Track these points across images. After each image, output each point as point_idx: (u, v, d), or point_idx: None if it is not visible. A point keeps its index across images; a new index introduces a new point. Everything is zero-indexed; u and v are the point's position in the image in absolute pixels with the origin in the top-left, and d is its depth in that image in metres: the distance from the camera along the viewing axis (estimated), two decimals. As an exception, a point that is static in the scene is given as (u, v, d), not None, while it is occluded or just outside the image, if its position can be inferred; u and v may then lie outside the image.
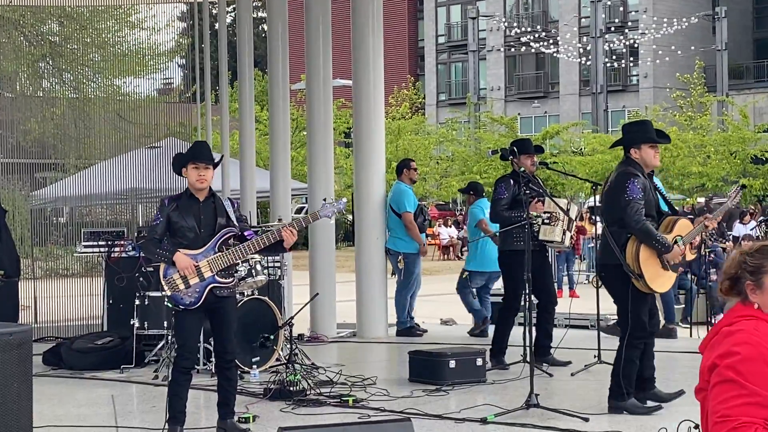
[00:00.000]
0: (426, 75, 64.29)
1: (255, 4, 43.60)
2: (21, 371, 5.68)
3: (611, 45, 53.39)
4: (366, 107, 12.72)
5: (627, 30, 54.54)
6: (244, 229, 7.30)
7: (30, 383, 5.80)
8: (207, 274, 7.10)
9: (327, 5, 13.63)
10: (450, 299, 13.80)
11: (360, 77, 12.75)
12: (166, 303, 7.65)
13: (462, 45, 61.50)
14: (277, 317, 9.92)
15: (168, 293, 7.13)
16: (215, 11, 18.13)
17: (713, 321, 14.08)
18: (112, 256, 11.56)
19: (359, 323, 12.70)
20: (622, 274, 7.61)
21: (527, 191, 8.90)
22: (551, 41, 52.25)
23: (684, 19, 47.89)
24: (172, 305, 7.19)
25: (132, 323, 10.36)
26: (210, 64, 15.81)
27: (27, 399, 5.75)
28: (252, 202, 14.99)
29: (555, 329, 10.28)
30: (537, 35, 51.51)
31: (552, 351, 10.07)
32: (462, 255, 21.18)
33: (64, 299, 13.57)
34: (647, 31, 50.41)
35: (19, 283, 11.36)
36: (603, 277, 7.94)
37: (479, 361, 9.19)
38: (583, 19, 55.62)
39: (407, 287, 12.72)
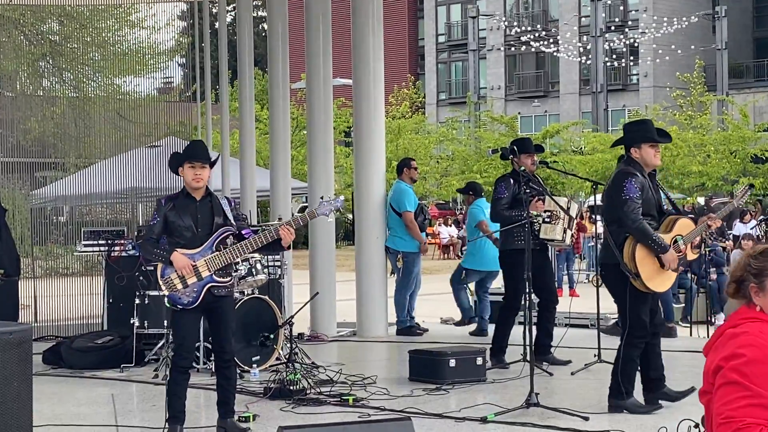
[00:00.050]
0: (426, 74, 64.29)
1: (255, 3, 43.60)
2: (21, 370, 5.68)
3: (611, 44, 53.38)
4: (366, 106, 12.72)
5: (627, 29, 54.54)
6: (241, 228, 7.28)
7: (30, 382, 5.80)
8: (205, 273, 7.09)
9: (327, 4, 13.63)
10: (450, 298, 13.79)
11: (360, 76, 12.75)
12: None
13: (462, 44, 61.48)
14: (277, 316, 9.92)
15: (166, 293, 7.13)
16: (215, 10, 18.13)
17: (713, 320, 14.07)
18: (112, 255, 11.56)
19: (359, 322, 12.70)
20: (621, 273, 7.61)
21: (527, 190, 8.90)
22: (551, 40, 52.24)
23: (684, 19, 47.88)
24: (170, 305, 7.19)
25: (132, 322, 10.36)
26: (210, 63, 15.81)
27: (27, 398, 5.75)
28: (252, 201, 14.98)
29: (555, 328, 10.27)
30: (537, 34, 51.50)
31: (552, 350, 10.07)
32: (462, 254, 21.16)
33: (64, 298, 13.57)
34: (647, 31, 50.40)
35: (19, 282, 11.37)
36: (603, 276, 7.97)
37: (479, 360, 9.20)
38: (584, 19, 55.60)
39: (406, 286, 12.72)
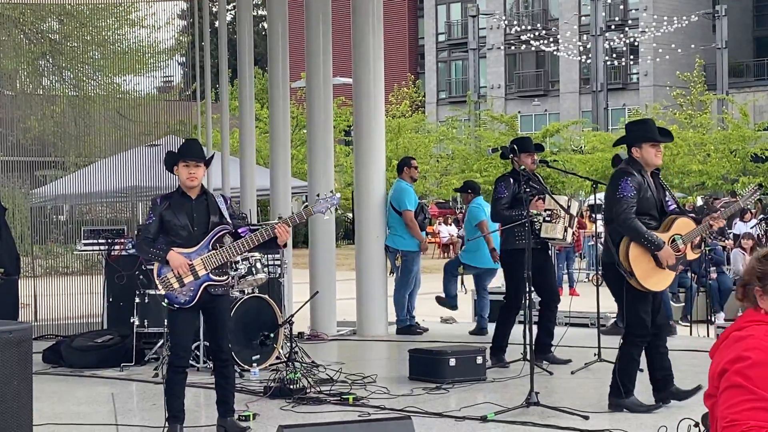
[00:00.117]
0: (426, 73, 64.28)
1: (255, 2, 43.61)
2: (21, 369, 5.68)
3: (611, 43, 53.37)
4: (366, 105, 12.72)
5: (627, 28, 54.53)
6: (237, 226, 7.26)
7: (30, 381, 5.80)
8: (201, 272, 7.07)
9: (327, 3, 13.63)
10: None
11: (360, 75, 12.74)
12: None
13: (462, 43, 61.47)
14: (277, 315, 9.92)
15: (162, 292, 7.11)
16: (215, 9, 18.12)
17: (713, 319, 14.07)
18: (112, 254, 11.56)
19: (359, 321, 12.70)
20: (620, 272, 7.63)
21: (527, 189, 8.90)
22: (551, 39, 52.23)
23: (684, 17, 47.87)
24: (166, 304, 7.17)
25: (132, 321, 10.36)
26: (210, 62, 15.80)
27: (27, 397, 5.75)
28: (252, 200, 14.99)
29: (555, 327, 10.27)
30: (537, 33, 51.49)
31: (552, 349, 10.07)
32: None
33: (64, 297, 13.57)
34: (647, 30, 50.39)
35: (19, 281, 11.36)
36: (604, 275, 7.99)
37: (479, 359, 9.20)
38: (584, 18, 55.60)
39: (405, 285, 12.72)
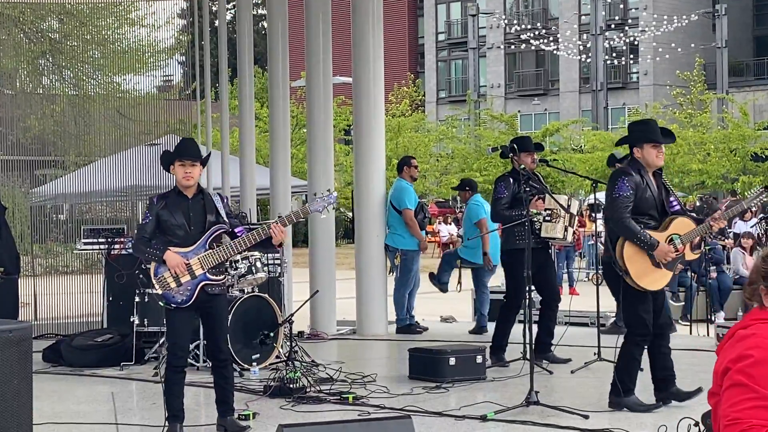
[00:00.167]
0: (426, 72, 64.26)
1: (255, 1, 43.59)
2: (21, 368, 5.68)
3: (611, 42, 53.35)
4: (366, 104, 12.72)
5: (627, 27, 54.50)
6: (234, 226, 7.24)
7: (30, 380, 5.80)
8: (198, 271, 7.06)
9: (327, 2, 13.62)
10: (450, 296, 13.77)
11: (360, 74, 12.74)
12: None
13: (462, 42, 61.45)
14: (277, 314, 9.92)
15: (159, 292, 7.10)
16: (215, 8, 18.11)
17: (713, 319, 14.07)
18: (111, 253, 11.56)
19: (359, 320, 12.70)
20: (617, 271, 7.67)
21: (527, 189, 8.89)
22: (551, 38, 52.22)
23: (684, 17, 47.86)
24: (163, 304, 7.15)
25: (132, 320, 10.35)
26: (210, 61, 15.79)
27: (27, 396, 5.75)
28: (252, 199, 14.99)
29: (555, 326, 10.27)
30: (537, 32, 51.47)
31: (552, 348, 10.07)
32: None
33: (63, 296, 13.56)
34: (647, 29, 50.38)
35: (19, 280, 11.36)
36: (604, 274, 8.01)
37: (479, 359, 9.20)
38: (583, 17, 55.58)
39: (405, 284, 12.72)
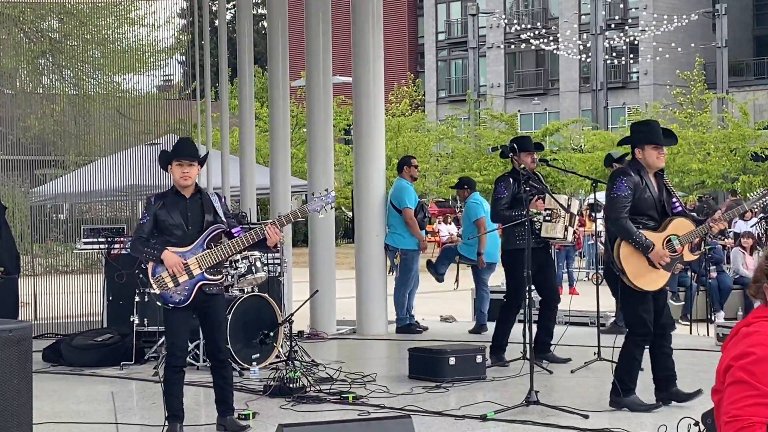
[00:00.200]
0: (426, 72, 64.26)
1: (255, 0, 43.57)
2: (21, 368, 5.68)
3: (611, 42, 53.33)
4: (366, 104, 12.72)
5: (627, 27, 54.49)
6: (232, 226, 7.23)
7: (30, 380, 5.80)
8: (196, 271, 7.05)
9: (327, 2, 13.63)
10: (450, 296, 13.80)
11: (360, 74, 12.74)
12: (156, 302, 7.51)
13: (462, 42, 61.44)
14: (277, 314, 9.92)
15: (157, 292, 7.09)
16: (215, 8, 18.10)
17: (713, 318, 14.07)
18: (111, 252, 11.55)
19: (359, 320, 12.70)
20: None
21: (527, 189, 8.89)
22: (551, 38, 52.21)
23: (684, 16, 47.85)
24: (161, 304, 7.14)
25: (132, 320, 10.36)
26: (210, 60, 15.79)
27: (27, 395, 5.75)
28: (252, 199, 14.99)
29: (555, 326, 10.27)
30: (537, 32, 51.47)
31: (552, 348, 10.07)
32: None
33: (63, 296, 13.56)
34: (647, 28, 50.36)
35: (19, 280, 11.36)
36: (605, 274, 8.03)
37: (479, 358, 9.20)
38: (583, 16, 55.57)
39: (405, 284, 12.72)
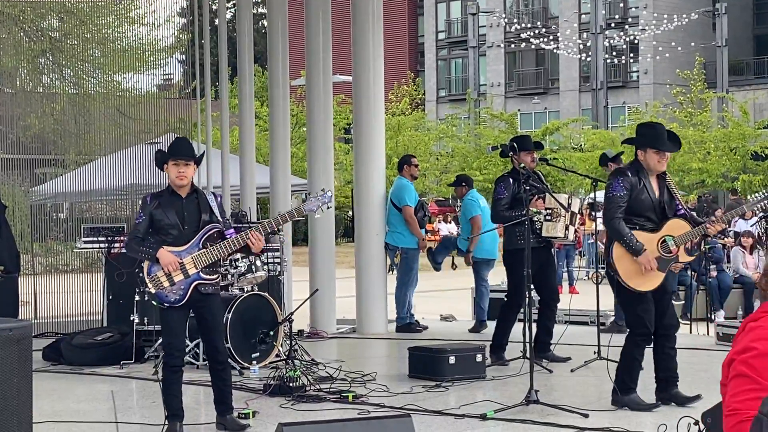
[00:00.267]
0: (426, 71, 64.26)
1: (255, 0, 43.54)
2: (21, 367, 5.68)
3: (611, 41, 53.34)
4: (366, 103, 12.72)
5: (627, 26, 54.48)
6: (226, 227, 7.22)
7: (30, 379, 5.80)
8: (191, 270, 7.04)
9: (327, 1, 13.63)
10: (450, 295, 13.82)
11: (360, 73, 12.74)
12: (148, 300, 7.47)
13: (462, 41, 61.44)
14: (277, 313, 9.92)
15: (152, 291, 7.08)
16: (215, 7, 18.10)
17: (713, 317, 14.08)
18: (111, 251, 11.56)
19: (359, 319, 12.71)
20: None
21: (527, 188, 8.89)
22: (551, 37, 52.21)
23: (684, 16, 47.84)
24: (156, 303, 7.14)
25: (132, 319, 10.37)
26: (210, 60, 15.79)
27: (27, 394, 5.75)
28: (252, 198, 14.99)
29: (555, 325, 10.27)
30: (537, 31, 51.46)
31: (552, 347, 10.08)
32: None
33: (63, 295, 13.57)
34: (647, 28, 50.36)
35: (19, 279, 11.36)
36: (606, 273, 8.03)
37: (479, 357, 9.21)
38: (583, 15, 55.57)
39: (407, 283, 12.73)
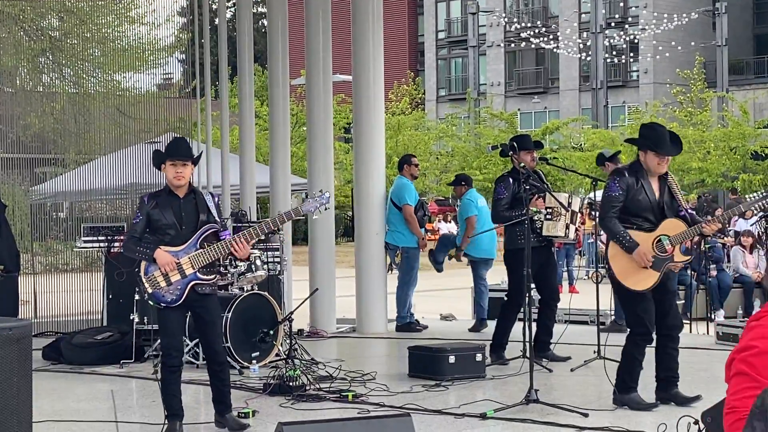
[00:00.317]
0: (426, 70, 64.26)
1: (255, -1, 43.51)
2: (20, 366, 5.68)
3: (611, 40, 53.33)
4: (366, 102, 12.72)
5: (627, 25, 54.48)
6: (223, 228, 7.20)
7: (30, 378, 5.80)
8: (188, 270, 7.02)
9: (327, 1, 13.63)
10: (450, 294, 13.82)
11: (360, 72, 12.74)
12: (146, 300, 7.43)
13: (462, 40, 61.43)
14: (277, 312, 9.92)
15: (149, 291, 7.06)
16: (215, 6, 18.10)
17: (713, 317, 14.08)
18: (111, 251, 11.56)
19: (359, 318, 12.71)
20: None
21: (527, 188, 8.89)
22: (551, 37, 52.21)
23: (684, 15, 47.84)
24: (153, 303, 7.11)
25: (132, 318, 10.37)
26: (210, 59, 15.78)
27: (26, 394, 5.75)
28: (252, 197, 14.99)
29: (554, 325, 10.28)
30: (537, 31, 51.46)
31: (552, 346, 10.08)
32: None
33: (63, 294, 13.57)
34: (647, 27, 50.36)
35: (19, 278, 11.36)
36: (607, 272, 8.04)
37: (479, 357, 9.21)
38: (583, 15, 55.57)
39: (408, 282, 12.73)
